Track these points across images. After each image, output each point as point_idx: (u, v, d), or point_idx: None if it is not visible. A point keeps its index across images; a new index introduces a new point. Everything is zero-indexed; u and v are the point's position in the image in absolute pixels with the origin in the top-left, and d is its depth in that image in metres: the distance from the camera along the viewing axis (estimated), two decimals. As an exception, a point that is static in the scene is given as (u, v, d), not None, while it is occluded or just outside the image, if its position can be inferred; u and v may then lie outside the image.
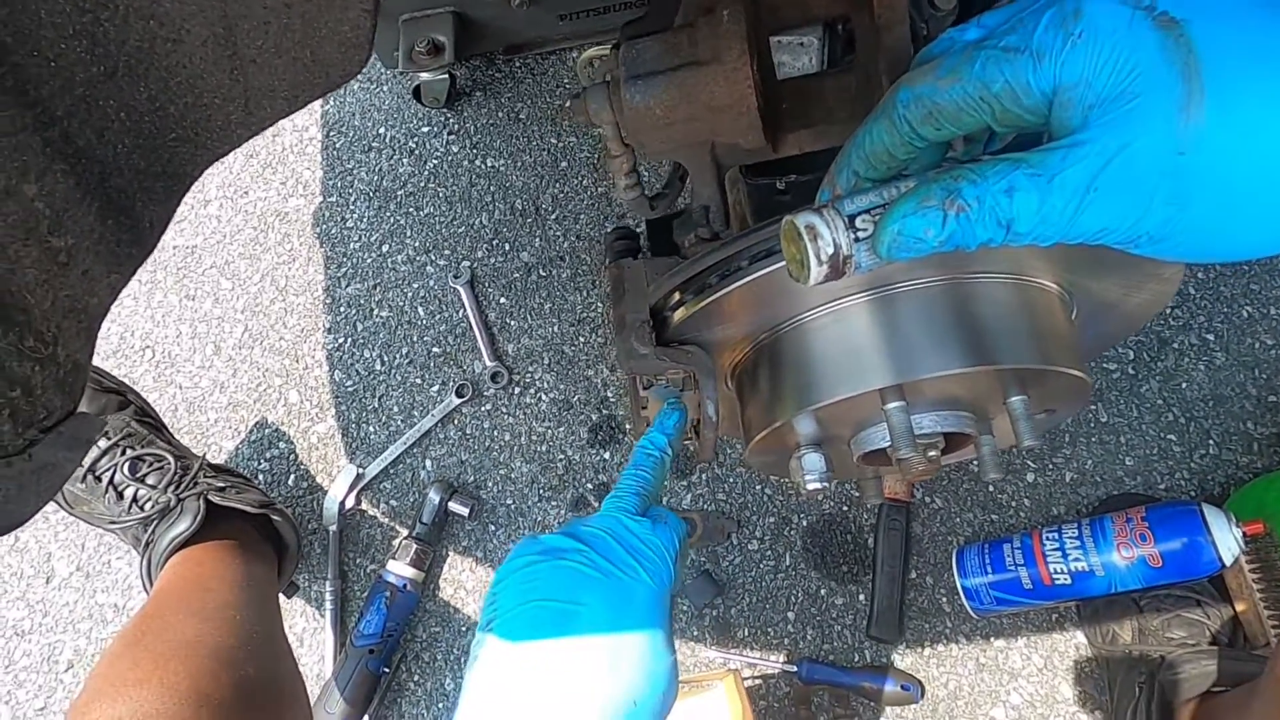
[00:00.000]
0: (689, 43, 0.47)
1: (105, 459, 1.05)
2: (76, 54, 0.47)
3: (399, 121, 1.49)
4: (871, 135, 0.40)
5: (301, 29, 0.53)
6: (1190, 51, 0.32)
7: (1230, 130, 0.32)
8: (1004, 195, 0.35)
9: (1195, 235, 0.35)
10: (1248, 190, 0.33)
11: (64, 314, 0.51)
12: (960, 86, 0.36)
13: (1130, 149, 0.33)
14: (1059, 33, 0.34)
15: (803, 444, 0.62)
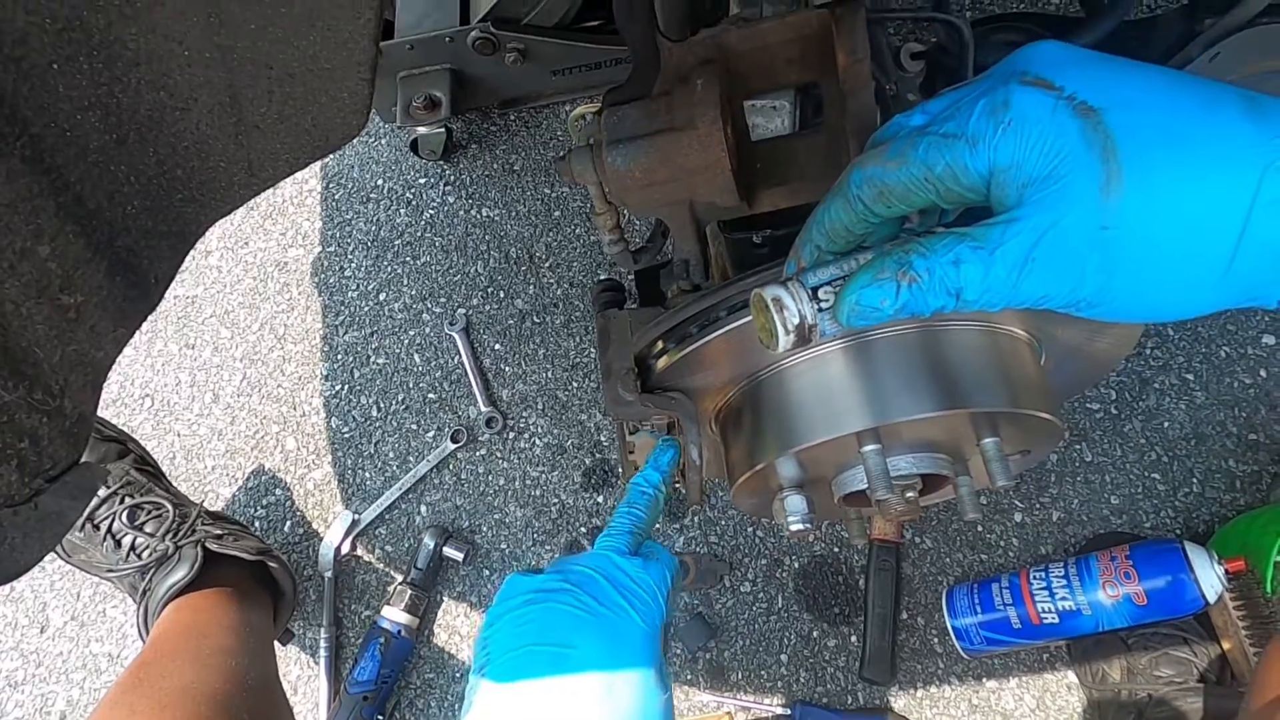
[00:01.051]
0: (666, 109, 0.50)
1: (104, 507, 1.06)
2: (91, 124, 0.49)
3: (396, 173, 1.53)
4: (830, 213, 0.43)
5: (303, 96, 0.56)
6: (1108, 137, 0.35)
7: (1146, 207, 0.35)
8: (952, 267, 0.38)
9: (1127, 300, 0.38)
10: (1166, 259, 0.36)
11: (71, 367, 0.53)
12: (907, 169, 0.39)
13: (1060, 225, 0.36)
14: (991, 120, 0.37)
15: (785, 486, 0.64)
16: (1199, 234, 0.36)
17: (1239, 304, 0.39)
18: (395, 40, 1.38)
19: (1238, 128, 0.35)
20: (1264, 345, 1.20)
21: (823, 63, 0.54)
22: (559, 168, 0.53)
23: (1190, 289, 0.37)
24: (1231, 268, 0.36)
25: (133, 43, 0.48)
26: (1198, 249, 0.36)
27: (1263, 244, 0.35)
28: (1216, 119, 0.35)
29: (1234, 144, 0.35)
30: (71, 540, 1.06)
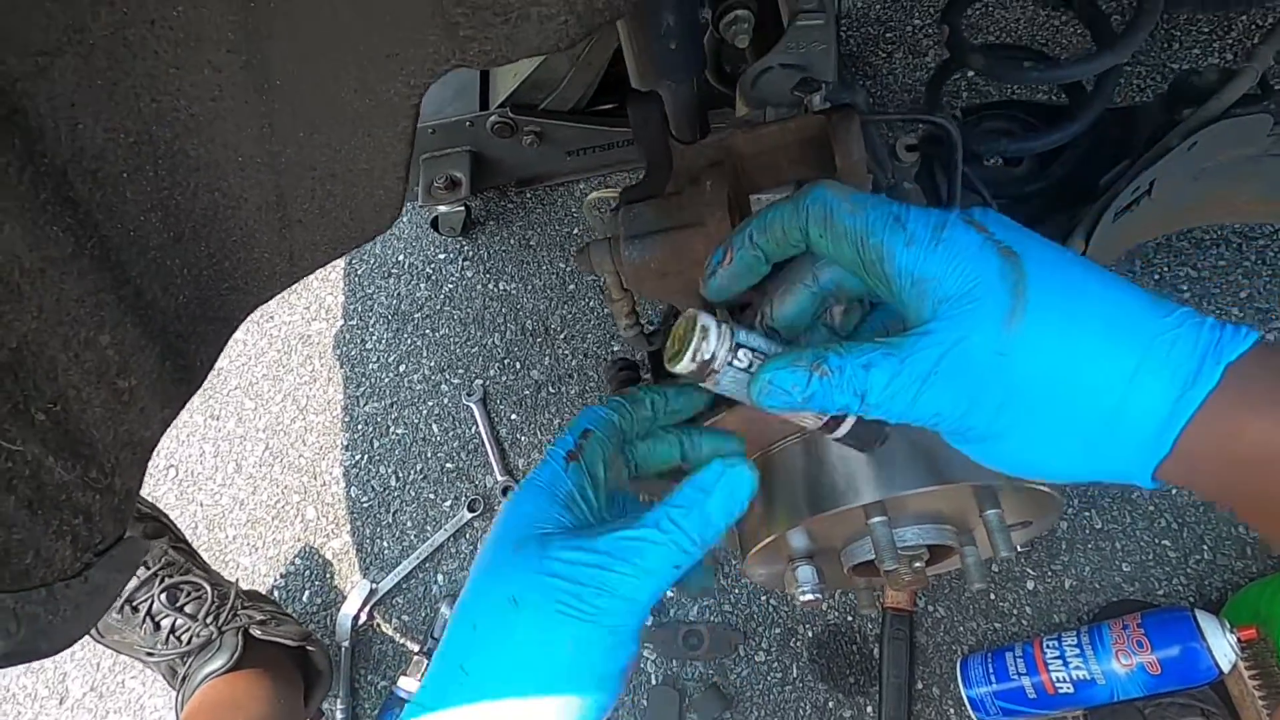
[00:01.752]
0: (678, 207, 0.54)
1: (143, 589, 1.06)
2: (153, 224, 0.54)
3: (417, 249, 1.59)
4: (777, 213, 0.46)
5: (343, 194, 0.61)
6: (1021, 276, 0.39)
7: (1041, 344, 0.38)
8: (862, 369, 0.41)
9: (1019, 443, 0.40)
10: (1050, 408, 0.39)
11: (122, 446, 0.56)
12: (856, 219, 0.42)
13: (965, 342, 0.39)
14: (930, 232, 0.41)
15: (796, 557, 0.66)
16: (1081, 390, 0.38)
17: (1113, 478, 0.41)
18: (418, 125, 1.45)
19: (1140, 308, 0.39)
20: (1267, 412, 1.21)
21: (822, 161, 0.59)
22: (578, 259, 0.58)
23: (1068, 448, 0.40)
24: (1108, 435, 0.39)
25: (194, 151, 0.53)
26: (1079, 406, 0.39)
27: (1136, 421, 0.38)
28: (1120, 297, 0.39)
29: (1128, 323, 0.38)
30: (107, 621, 1.07)
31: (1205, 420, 0.37)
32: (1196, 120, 0.80)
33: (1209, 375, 0.37)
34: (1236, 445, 0.37)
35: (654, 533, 0.44)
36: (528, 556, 0.44)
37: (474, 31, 0.51)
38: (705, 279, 0.49)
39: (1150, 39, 1.52)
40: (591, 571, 0.43)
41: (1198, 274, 1.31)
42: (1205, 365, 0.37)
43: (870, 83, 1.58)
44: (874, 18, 1.65)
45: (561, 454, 0.50)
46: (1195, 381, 0.37)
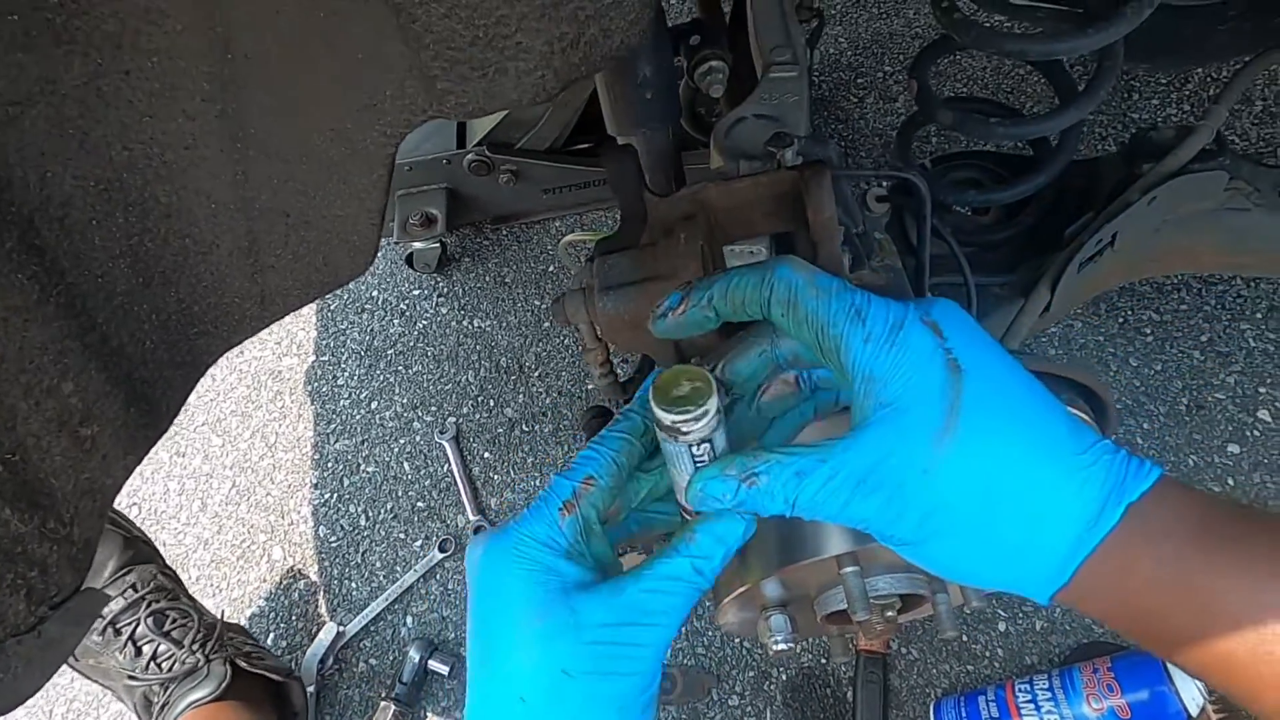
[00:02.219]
0: (652, 259, 0.55)
1: (128, 612, 1.03)
2: (120, 270, 0.53)
3: (391, 285, 1.58)
4: (741, 281, 0.47)
5: (316, 240, 0.61)
6: (959, 395, 0.41)
7: (963, 468, 0.40)
8: (794, 477, 0.42)
9: (939, 551, 0.42)
10: (968, 524, 0.41)
11: (82, 495, 0.55)
12: (818, 304, 0.44)
13: (892, 457, 0.41)
14: (888, 331, 0.42)
15: (769, 606, 0.65)
16: (997, 517, 0.40)
17: (1014, 590, 0.43)
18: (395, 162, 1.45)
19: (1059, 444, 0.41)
20: (1229, 454, 1.24)
21: (795, 214, 0.60)
22: (553, 310, 0.58)
23: (981, 564, 0.42)
24: (1017, 560, 0.41)
25: (165, 198, 0.53)
26: (994, 531, 0.41)
27: (1042, 552, 0.40)
28: (1046, 425, 0.41)
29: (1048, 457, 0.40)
30: (85, 644, 1.04)
31: (1102, 555, 0.40)
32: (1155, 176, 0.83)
33: (1110, 515, 0.39)
34: (1127, 580, 0.39)
35: (683, 585, 0.46)
36: (561, 626, 0.45)
37: (451, 84, 0.51)
38: (654, 317, 0.50)
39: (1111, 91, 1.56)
40: (626, 630, 0.45)
41: (1160, 318, 1.34)
42: (1108, 506, 0.39)
43: (842, 127, 1.62)
44: (845, 64, 1.69)
45: (558, 504, 0.49)
46: (1097, 521, 0.39)
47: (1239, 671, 0.38)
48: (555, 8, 0.50)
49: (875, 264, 0.70)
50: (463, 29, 0.49)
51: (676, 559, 0.46)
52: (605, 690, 0.44)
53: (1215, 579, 0.38)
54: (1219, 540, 0.39)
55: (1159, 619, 0.40)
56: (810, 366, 0.49)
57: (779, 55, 0.78)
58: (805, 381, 0.51)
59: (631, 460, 0.51)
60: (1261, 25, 0.89)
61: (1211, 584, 0.38)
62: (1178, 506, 0.40)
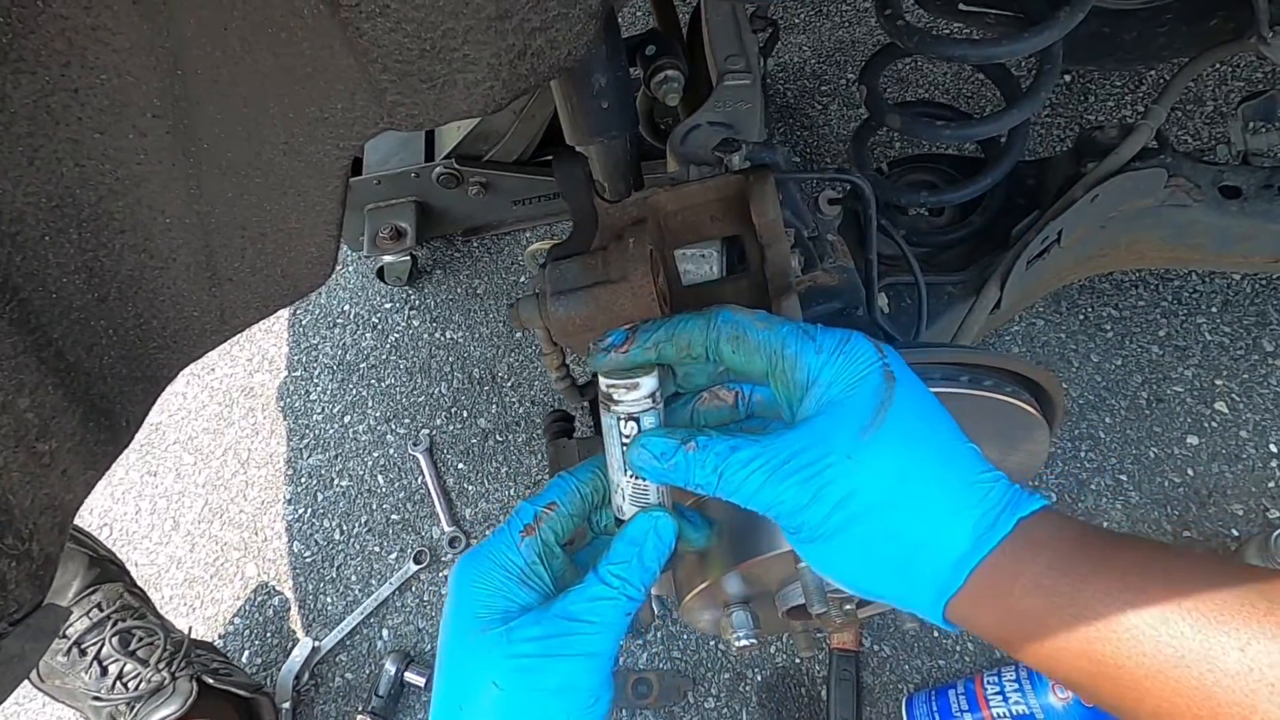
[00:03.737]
0: (602, 264, 0.56)
1: (93, 632, 1.02)
2: (75, 285, 0.54)
3: (363, 299, 1.58)
4: (687, 325, 0.50)
5: (274, 252, 0.62)
6: (890, 397, 0.45)
7: (882, 458, 0.43)
8: (728, 450, 0.45)
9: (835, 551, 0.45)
10: (877, 517, 0.43)
11: (41, 511, 0.55)
12: (768, 333, 0.48)
13: (822, 443, 0.44)
14: (836, 344, 0.47)
15: (732, 603, 0.67)
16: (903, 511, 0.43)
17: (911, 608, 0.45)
18: (363, 176, 1.46)
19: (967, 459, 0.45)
20: (1189, 445, 1.26)
21: (743, 218, 0.61)
22: (510, 314, 0.59)
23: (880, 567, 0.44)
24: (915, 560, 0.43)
25: (120, 214, 0.53)
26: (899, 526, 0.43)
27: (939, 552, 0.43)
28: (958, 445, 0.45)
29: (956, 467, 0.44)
30: (50, 664, 1.03)
31: (992, 563, 0.42)
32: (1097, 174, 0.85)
33: (1004, 524, 0.42)
34: (1013, 585, 0.42)
35: (602, 589, 0.49)
36: (495, 641, 0.48)
37: (401, 96, 0.52)
38: (595, 350, 0.52)
39: (1067, 92, 1.60)
40: (556, 642, 0.47)
41: (1119, 314, 1.37)
42: (1003, 516, 0.43)
43: (807, 134, 1.64)
44: (809, 71, 1.72)
45: (519, 527, 0.53)
46: (994, 527, 0.42)
47: (1108, 675, 0.40)
48: (501, 20, 0.51)
49: (828, 265, 0.72)
50: (409, 42, 0.50)
51: (600, 567, 0.50)
52: (535, 703, 0.46)
53: (1086, 584, 0.41)
54: (1094, 551, 0.42)
55: (1037, 625, 0.42)
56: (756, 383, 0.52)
57: (733, 64, 0.79)
58: (742, 401, 0.53)
59: (597, 492, 0.55)
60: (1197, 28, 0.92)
61: (1083, 588, 0.41)
62: (1059, 525, 0.43)
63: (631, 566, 0.49)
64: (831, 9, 1.81)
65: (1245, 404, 1.27)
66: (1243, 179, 0.95)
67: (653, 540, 0.50)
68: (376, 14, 0.48)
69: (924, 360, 0.58)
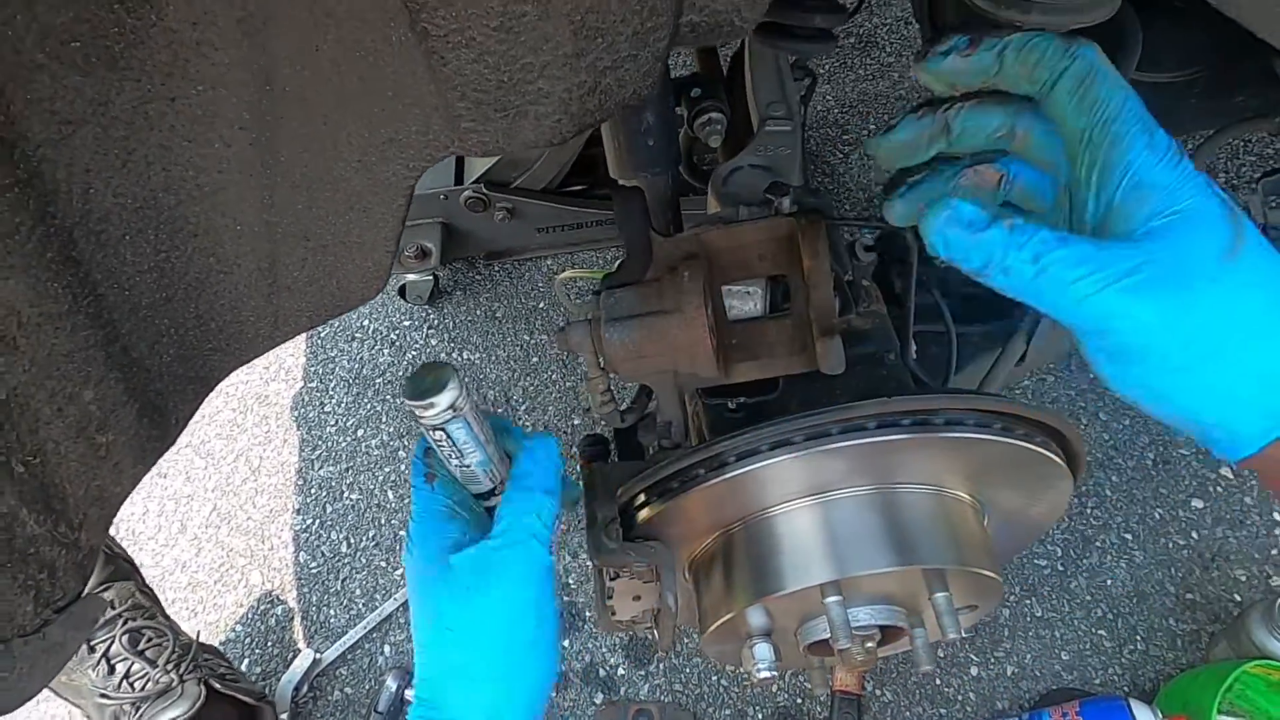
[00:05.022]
0: (657, 295, 0.58)
1: (104, 630, 1.02)
2: (147, 285, 0.56)
3: (382, 315, 1.60)
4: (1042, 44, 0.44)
5: (332, 264, 0.63)
6: (1242, 228, 0.40)
7: (1249, 283, 0.40)
8: (1056, 241, 0.40)
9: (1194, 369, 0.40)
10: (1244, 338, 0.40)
11: (92, 502, 0.56)
12: (1122, 97, 0.42)
13: (1181, 260, 0.39)
14: (1172, 151, 0.41)
15: (754, 634, 0.68)
16: (1255, 343, 0.40)
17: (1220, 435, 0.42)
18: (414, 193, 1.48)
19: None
20: (1194, 508, 1.28)
21: (790, 259, 0.64)
22: (557, 338, 0.61)
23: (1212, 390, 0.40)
24: (1254, 391, 0.40)
25: (195, 218, 0.55)
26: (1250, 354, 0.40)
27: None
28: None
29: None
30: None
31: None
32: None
33: None
34: None
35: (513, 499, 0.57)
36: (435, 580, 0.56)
37: (474, 124, 0.55)
38: (933, 54, 0.47)
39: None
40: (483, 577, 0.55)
41: (1129, 374, 1.39)
42: None
43: (828, 180, 1.68)
44: (833, 121, 1.76)
45: (422, 480, 0.61)
46: None
47: None
48: (576, 58, 0.54)
49: (862, 309, 0.74)
50: (489, 73, 0.52)
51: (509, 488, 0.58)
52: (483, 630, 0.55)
53: None
54: None
55: None
56: (1034, 165, 0.46)
57: (775, 110, 0.82)
58: (1007, 184, 0.48)
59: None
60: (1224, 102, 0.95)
61: None
62: None
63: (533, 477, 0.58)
64: (856, 62, 1.86)
65: (1250, 471, 1.29)
66: (1259, 250, 0.97)
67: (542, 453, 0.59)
68: (462, 45, 0.51)
69: (960, 406, 0.60)
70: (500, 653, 0.55)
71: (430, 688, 0.56)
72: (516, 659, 0.56)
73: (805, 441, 0.60)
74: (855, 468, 0.63)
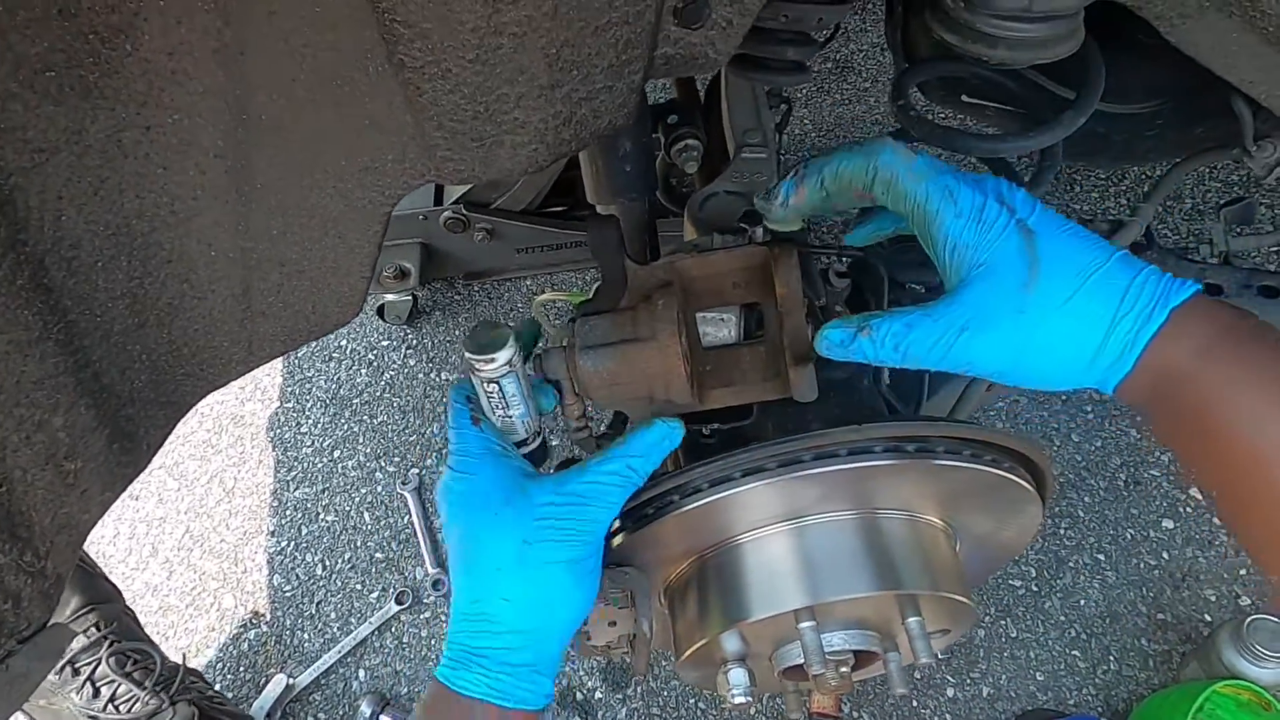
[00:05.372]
0: (631, 322, 0.59)
1: (89, 651, 1.01)
2: (119, 311, 0.55)
3: (360, 335, 1.60)
4: (847, 158, 0.57)
5: (308, 289, 0.63)
6: (1035, 253, 0.51)
7: (1047, 303, 0.51)
8: (904, 327, 0.53)
9: (1031, 367, 0.52)
10: (1054, 344, 0.51)
11: (59, 529, 0.56)
12: (915, 185, 0.54)
13: (989, 303, 0.51)
14: (974, 210, 0.53)
15: (729, 659, 0.68)
16: (1075, 332, 0.51)
17: (1091, 385, 0.53)
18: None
19: (1116, 271, 0.51)
20: (1164, 529, 1.30)
21: (764, 287, 0.64)
22: (533, 365, 0.61)
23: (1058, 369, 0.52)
24: (1093, 362, 0.51)
25: (169, 244, 0.55)
26: (1074, 344, 0.51)
27: (1111, 351, 0.51)
28: (1105, 263, 0.51)
29: (1110, 282, 0.50)
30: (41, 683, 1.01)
31: (1152, 350, 0.50)
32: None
33: (1158, 316, 0.49)
34: (1168, 366, 0.49)
35: (618, 479, 0.59)
36: (520, 509, 0.58)
37: (450, 153, 0.55)
38: (773, 206, 0.60)
39: (1055, 182, 1.67)
40: (570, 509, 0.58)
41: (1099, 396, 1.41)
42: (1155, 310, 0.49)
43: (805, 203, 1.69)
44: (809, 144, 1.78)
45: (468, 423, 0.63)
46: (1149, 320, 0.49)
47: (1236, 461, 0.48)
48: (552, 89, 0.54)
49: (836, 335, 0.75)
50: (466, 104, 0.53)
51: (614, 460, 0.59)
52: (559, 555, 0.57)
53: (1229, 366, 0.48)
54: (1239, 338, 0.49)
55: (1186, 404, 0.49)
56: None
57: (751, 137, 0.83)
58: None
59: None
60: (1184, 135, 0.98)
61: (1226, 370, 0.48)
62: (1210, 311, 0.49)
63: (647, 463, 0.60)
64: (832, 86, 1.89)
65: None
66: (1224, 278, 1.00)
67: (666, 445, 0.60)
68: (439, 76, 0.51)
69: (931, 433, 0.61)
70: (562, 576, 0.58)
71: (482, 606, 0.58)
72: (575, 583, 0.59)
73: (778, 469, 0.60)
74: (828, 494, 0.63)
